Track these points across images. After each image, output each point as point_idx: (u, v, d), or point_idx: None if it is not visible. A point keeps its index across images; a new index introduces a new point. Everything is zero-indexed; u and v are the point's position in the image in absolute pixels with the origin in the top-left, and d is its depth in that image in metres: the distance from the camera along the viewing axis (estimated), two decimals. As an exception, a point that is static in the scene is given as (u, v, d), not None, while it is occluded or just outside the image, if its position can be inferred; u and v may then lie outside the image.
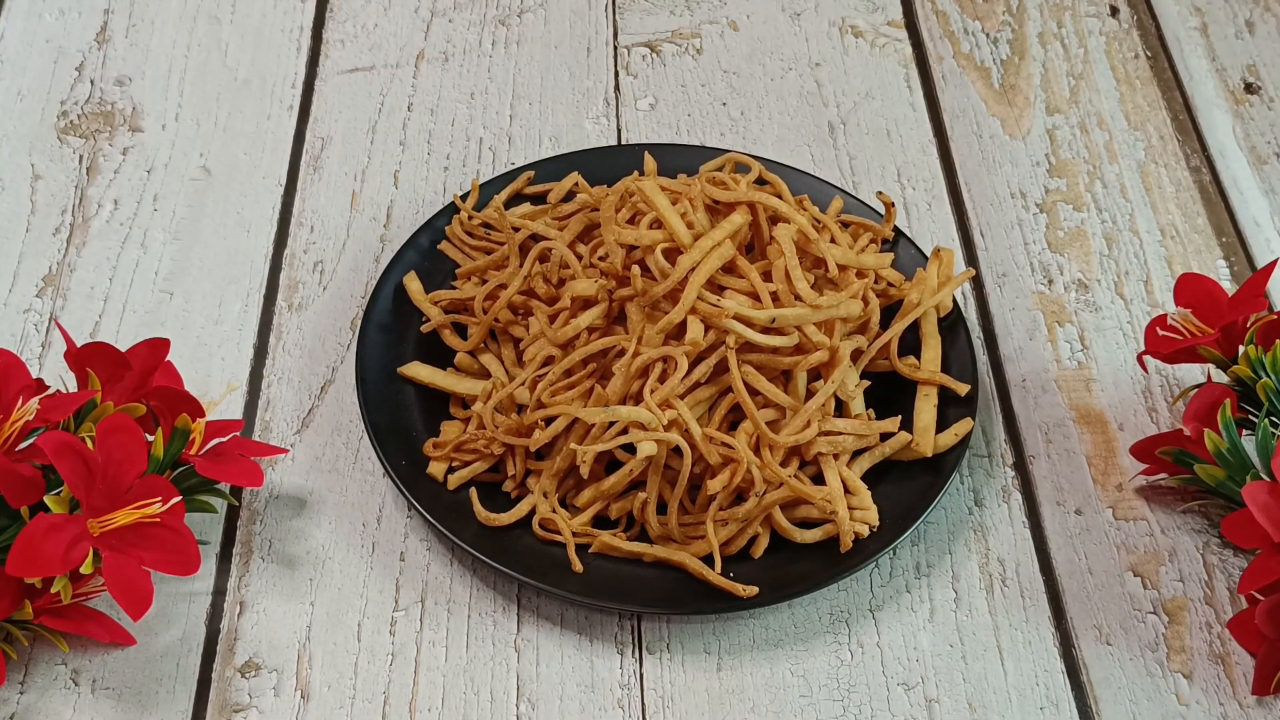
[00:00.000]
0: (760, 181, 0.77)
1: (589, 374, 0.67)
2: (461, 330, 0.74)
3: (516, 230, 0.75)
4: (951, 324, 0.74)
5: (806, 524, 0.66)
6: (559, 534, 0.66)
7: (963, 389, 0.70)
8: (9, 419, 0.60)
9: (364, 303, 0.76)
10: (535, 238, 0.75)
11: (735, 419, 0.67)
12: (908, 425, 0.69)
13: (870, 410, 0.70)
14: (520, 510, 0.66)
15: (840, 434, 0.67)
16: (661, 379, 0.65)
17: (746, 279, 0.67)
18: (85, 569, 0.57)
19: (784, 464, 0.66)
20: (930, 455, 0.68)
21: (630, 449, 0.66)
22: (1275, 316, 0.69)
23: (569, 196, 0.79)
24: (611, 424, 0.65)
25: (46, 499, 0.58)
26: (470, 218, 0.78)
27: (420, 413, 0.70)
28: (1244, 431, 0.67)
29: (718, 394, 0.67)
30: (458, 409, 0.71)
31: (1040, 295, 0.80)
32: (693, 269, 0.66)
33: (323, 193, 0.84)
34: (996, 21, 0.96)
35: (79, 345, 0.65)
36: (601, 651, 0.65)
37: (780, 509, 0.66)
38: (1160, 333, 0.71)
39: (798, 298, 0.67)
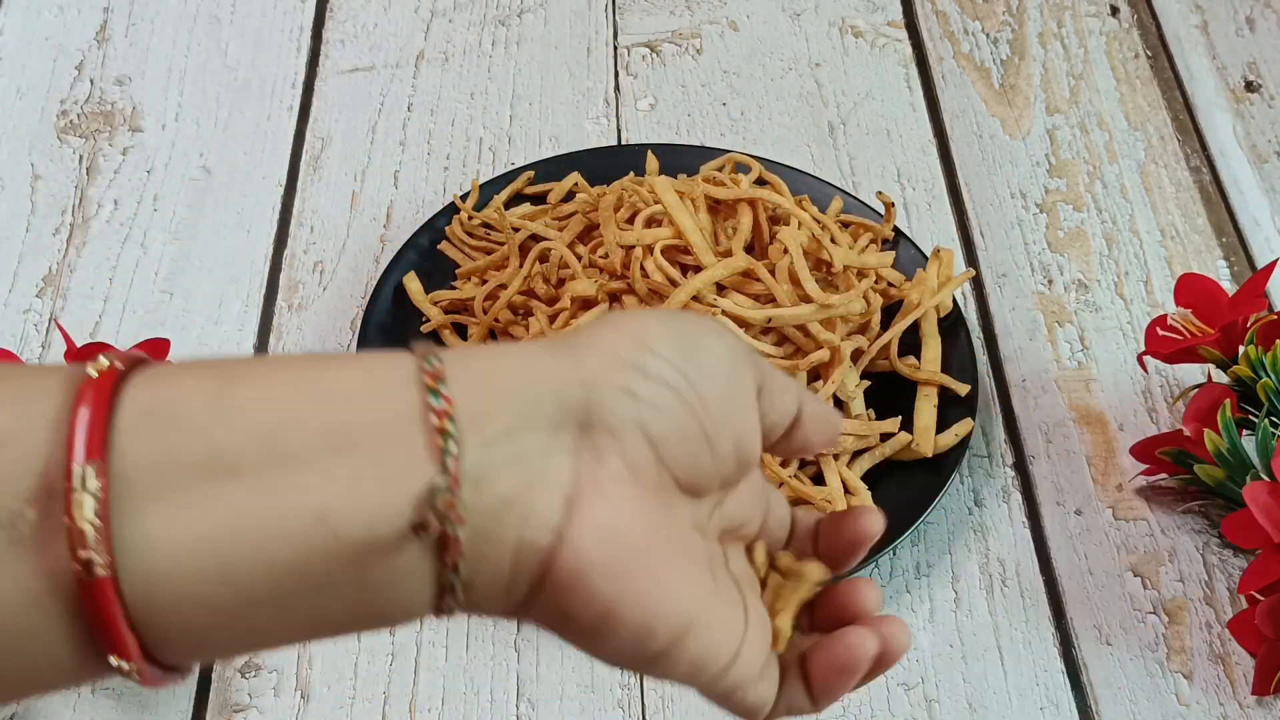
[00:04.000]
0: (760, 182, 0.77)
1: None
2: (461, 330, 0.74)
3: (516, 230, 0.75)
4: (951, 324, 0.73)
5: (806, 524, 0.66)
6: (559, 534, 0.65)
7: (963, 389, 0.70)
8: (9, 419, 0.60)
9: (364, 303, 0.76)
10: (535, 238, 0.75)
11: (735, 419, 0.67)
12: (908, 425, 0.69)
13: (870, 410, 0.70)
14: (520, 510, 0.66)
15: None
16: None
17: (762, 282, 0.67)
18: (85, 569, 0.57)
19: (784, 464, 0.66)
20: (930, 455, 0.68)
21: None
22: (1275, 316, 0.69)
23: (569, 197, 0.79)
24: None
25: (46, 499, 0.58)
26: (470, 218, 0.78)
27: (420, 413, 0.70)
28: (1244, 431, 0.67)
29: (718, 394, 0.67)
30: (458, 409, 0.71)
31: (1040, 295, 0.80)
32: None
33: (323, 193, 0.84)
34: (996, 21, 0.96)
35: (79, 345, 0.65)
36: (601, 652, 0.64)
37: (780, 509, 0.65)
38: (1160, 333, 0.70)
39: (803, 299, 0.67)
